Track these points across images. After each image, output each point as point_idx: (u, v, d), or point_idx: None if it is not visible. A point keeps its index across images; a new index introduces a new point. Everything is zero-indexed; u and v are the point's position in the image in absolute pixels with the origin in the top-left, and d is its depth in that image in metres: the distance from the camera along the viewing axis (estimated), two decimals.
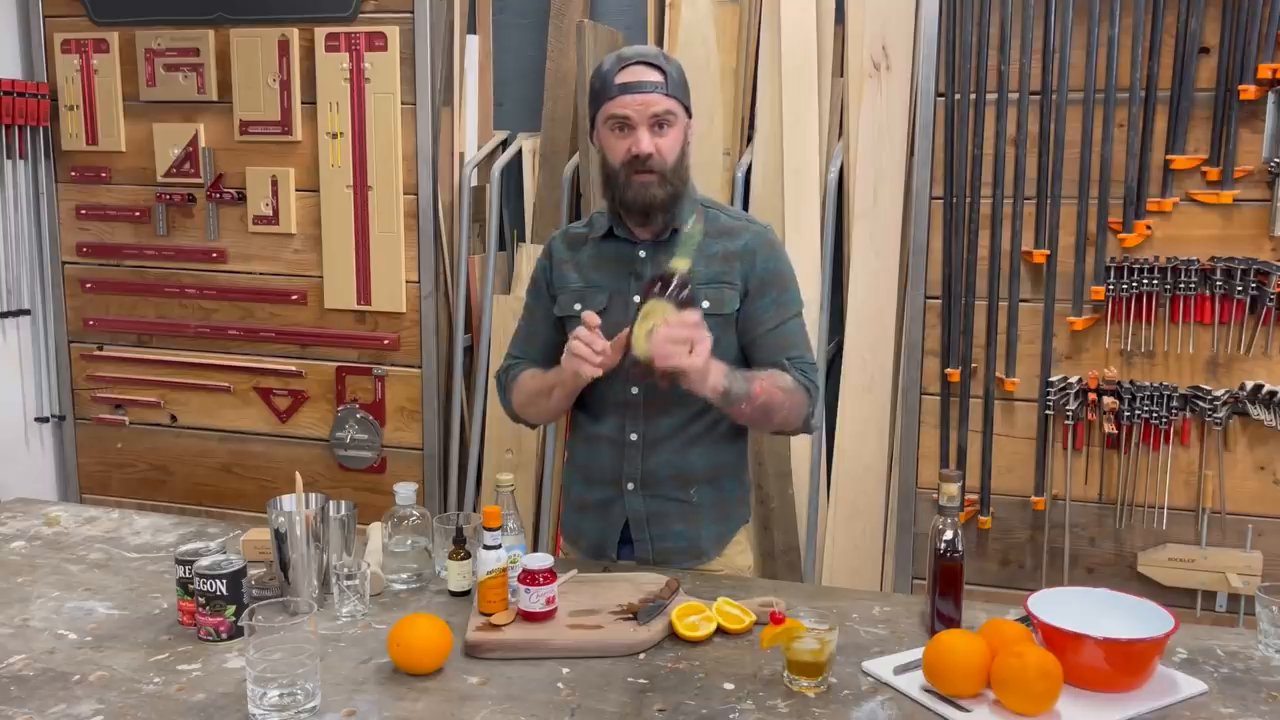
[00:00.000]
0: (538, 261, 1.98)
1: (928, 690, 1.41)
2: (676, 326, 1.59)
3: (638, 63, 1.78)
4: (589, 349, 1.67)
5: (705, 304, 1.81)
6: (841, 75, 2.85)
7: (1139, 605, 1.50)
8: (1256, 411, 2.46)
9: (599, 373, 1.69)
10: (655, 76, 1.77)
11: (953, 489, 1.58)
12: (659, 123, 1.77)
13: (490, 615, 1.58)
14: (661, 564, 1.87)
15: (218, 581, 1.56)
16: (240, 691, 1.40)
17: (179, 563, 1.61)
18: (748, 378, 1.76)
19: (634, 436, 1.85)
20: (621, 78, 1.77)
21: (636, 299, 1.73)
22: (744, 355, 1.88)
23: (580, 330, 1.70)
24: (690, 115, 1.84)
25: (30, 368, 3.35)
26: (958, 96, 2.59)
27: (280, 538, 1.67)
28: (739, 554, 1.95)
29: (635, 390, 1.84)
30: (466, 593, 1.72)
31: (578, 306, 1.86)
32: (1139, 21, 2.45)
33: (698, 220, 1.78)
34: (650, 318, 1.59)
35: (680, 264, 1.64)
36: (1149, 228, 2.50)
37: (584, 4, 3.09)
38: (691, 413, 1.85)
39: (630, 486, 1.87)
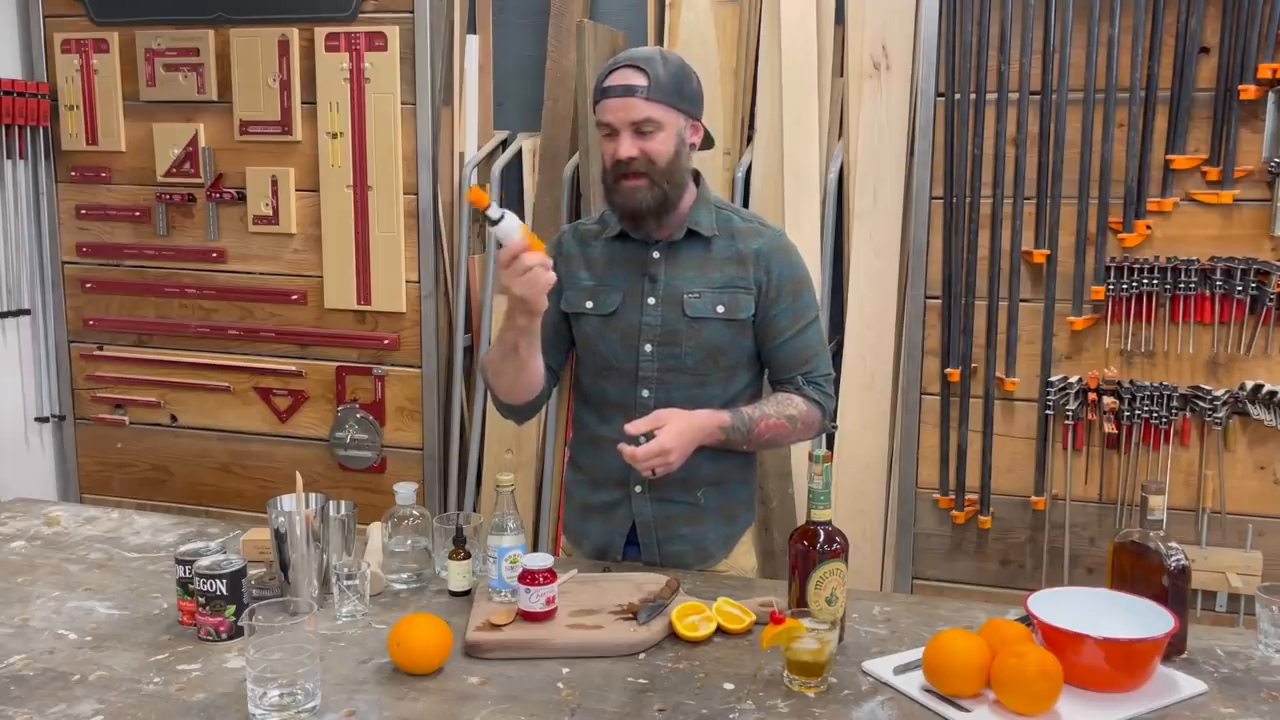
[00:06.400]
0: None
1: (928, 690, 1.41)
2: (643, 458, 1.67)
3: (625, 66, 1.76)
4: (537, 260, 1.60)
5: (720, 309, 1.81)
6: (841, 75, 2.84)
7: (1139, 605, 1.49)
8: (1256, 411, 2.46)
9: (552, 279, 1.63)
10: (638, 80, 1.73)
11: (1159, 501, 1.54)
12: (642, 128, 1.74)
13: (491, 616, 1.59)
14: (668, 566, 1.86)
15: (218, 581, 1.56)
16: (240, 691, 1.40)
17: (179, 563, 1.61)
18: (751, 420, 1.77)
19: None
20: (608, 81, 1.76)
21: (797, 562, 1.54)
22: (761, 360, 1.89)
23: (520, 254, 1.60)
24: (689, 114, 1.80)
25: (30, 368, 3.35)
26: (958, 96, 2.59)
27: (280, 538, 1.67)
28: (744, 555, 1.95)
29: (646, 393, 1.83)
30: (467, 593, 1.72)
31: (589, 304, 1.86)
32: (1139, 21, 2.45)
33: (825, 460, 1.53)
34: (828, 581, 1.50)
35: (822, 515, 1.52)
36: (1149, 228, 2.50)
37: (584, 4, 3.09)
38: None
39: (638, 489, 1.86)
